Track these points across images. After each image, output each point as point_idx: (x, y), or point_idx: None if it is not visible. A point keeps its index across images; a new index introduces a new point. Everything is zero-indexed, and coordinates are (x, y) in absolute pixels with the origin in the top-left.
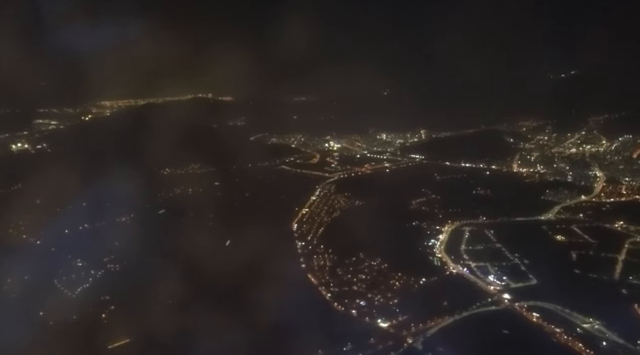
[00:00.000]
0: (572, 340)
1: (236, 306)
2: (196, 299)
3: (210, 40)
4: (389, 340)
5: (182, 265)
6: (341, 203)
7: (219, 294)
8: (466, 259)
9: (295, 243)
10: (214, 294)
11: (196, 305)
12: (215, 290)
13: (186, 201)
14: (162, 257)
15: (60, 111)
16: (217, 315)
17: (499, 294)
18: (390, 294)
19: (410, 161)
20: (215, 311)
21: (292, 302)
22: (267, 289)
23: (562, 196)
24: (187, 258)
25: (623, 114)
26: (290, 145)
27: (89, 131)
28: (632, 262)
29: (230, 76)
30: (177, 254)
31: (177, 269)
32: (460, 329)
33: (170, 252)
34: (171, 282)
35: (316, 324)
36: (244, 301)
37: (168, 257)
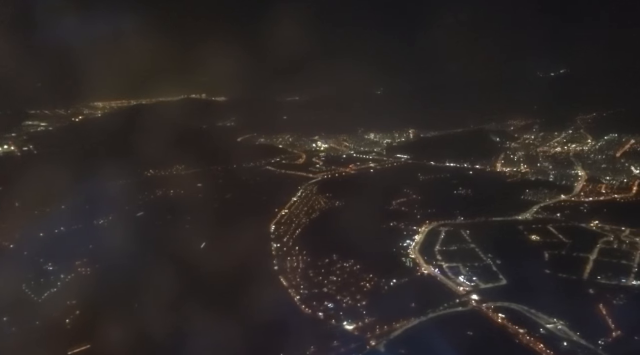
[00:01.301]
0: (533, 341)
1: (201, 309)
2: (162, 303)
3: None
4: (351, 343)
5: (153, 269)
6: (321, 204)
7: (185, 298)
8: (439, 259)
9: (270, 244)
10: (180, 298)
11: (161, 309)
12: (182, 294)
13: (166, 203)
14: (134, 260)
15: (52, 112)
16: (180, 319)
17: (467, 294)
18: (360, 295)
19: (396, 161)
20: (178, 315)
21: (259, 305)
22: (235, 292)
23: (541, 196)
24: (159, 261)
25: (611, 112)
26: (277, 146)
27: (76, 133)
28: (603, 261)
29: (224, 76)
30: (150, 257)
31: (147, 273)
32: (425, 330)
33: (142, 255)
34: (139, 286)
35: (281, 327)
36: (209, 304)
37: (140, 260)
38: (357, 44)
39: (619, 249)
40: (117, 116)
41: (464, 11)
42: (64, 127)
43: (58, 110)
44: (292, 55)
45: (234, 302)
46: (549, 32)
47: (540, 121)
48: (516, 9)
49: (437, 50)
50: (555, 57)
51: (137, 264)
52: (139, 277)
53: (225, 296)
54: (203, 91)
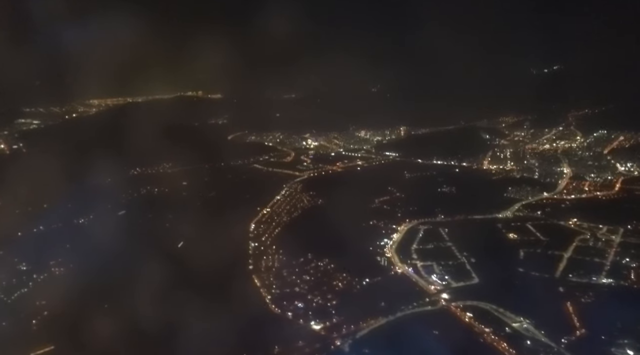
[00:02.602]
0: (497, 340)
1: (168, 310)
2: (131, 303)
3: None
4: (316, 343)
5: (127, 269)
6: (304, 202)
7: (154, 299)
8: (414, 258)
9: (248, 244)
10: (150, 299)
11: (129, 309)
12: (152, 295)
13: (149, 201)
14: (109, 260)
15: (47, 110)
16: (148, 319)
17: (438, 294)
18: (331, 295)
19: (384, 159)
20: (145, 315)
21: (228, 306)
22: (207, 292)
23: (524, 193)
24: (133, 261)
25: (603, 109)
26: (267, 144)
27: (67, 131)
28: (577, 259)
29: (220, 74)
30: (125, 257)
31: (120, 273)
32: (391, 330)
33: (118, 255)
34: (111, 286)
35: (247, 327)
36: (178, 305)
37: (115, 260)
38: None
39: (594, 247)
40: (110, 114)
41: (460, 7)
42: (56, 125)
43: (53, 108)
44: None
45: (204, 302)
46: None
47: (532, 118)
48: (510, 5)
49: (431, 47)
50: (549, 53)
51: (112, 263)
52: (112, 277)
53: (196, 296)
54: (199, 88)
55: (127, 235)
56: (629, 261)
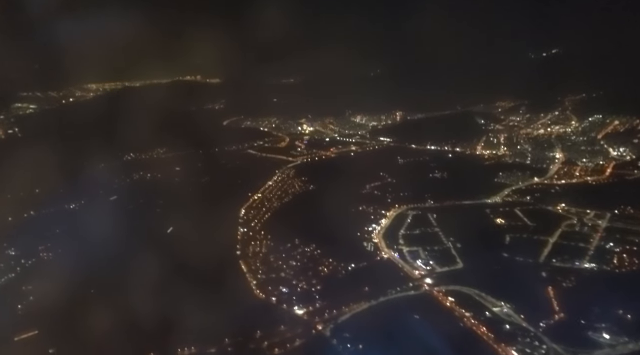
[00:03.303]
0: (477, 324)
1: (153, 295)
2: (116, 288)
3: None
4: (298, 328)
5: (115, 254)
6: (295, 188)
7: (140, 284)
8: (401, 243)
9: (237, 229)
10: (136, 283)
11: (114, 294)
12: (139, 280)
13: (141, 187)
14: (97, 245)
15: (44, 95)
16: (132, 304)
17: (422, 278)
18: (316, 280)
19: (378, 144)
20: (129, 301)
21: (213, 291)
22: (193, 277)
23: (514, 178)
24: (122, 246)
25: (601, 93)
26: (262, 129)
27: (63, 116)
28: (562, 244)
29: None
30: (114, 242)
31: (108, 258)
32: (373, 314)
33: (107, 240)
34: (99, 271)
35: (230, 312)
36: (162, 290)
37: (104, 245)
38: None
39: (579, 232)
40: (106, 99)
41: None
42: (52, 110)
43: (50, 93)
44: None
45: (189, 288)
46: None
47: (528, 103)
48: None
49: (428, 31)
50: (548, 37)
51: (100, 249)
52: (100, 263)
53: (182, 282)
54: (198, 73)
55: (117, 221)
56: (613, 246)
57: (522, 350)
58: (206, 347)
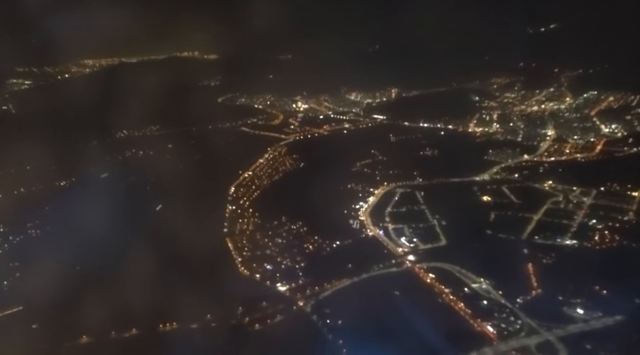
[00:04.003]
0: (455, 300)
1: (138, 272)
2: (102, 265)
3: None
4: (280, 304)
5: (102, 231)
6: (286, 166)
7: (126, 260)
8: (387, 221)
9: (226, 207)
10: (121, 260)
11: (99, 271)
12: (124, 256)
13: (133, 164)
14: (85, 222)
15: (40, 70)
16: (117, 281)
17: (405, 256)
18: (300, 257)
19: (371, 121)
20: (115, 277)
21: (198, 268)
22: (178, 255)
23: (504, 156)
24: (110, 223)
25: (598, 69)
26: (256, 106)
27: (58, 92)
28: (546, 221)
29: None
30: (103, 219)
31: (97, 235)
32: (354, 291)
33: (95, 217)
34: (86, 248)
35: (213, 289)
36: (148, 267)
37: (92, 222)
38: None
39: (564, 209)
40: (102, 75)
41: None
42: (47, 85)
43: (46, 68)
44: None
45: (174, 265)
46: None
47: (524, 79)
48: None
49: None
50: (546, 12)
51: (88, 226)
52: (87, 240)
53: (167, 259)
54: (196, 49)
55: (106, 199)
56: (596, 223)
57: (497, 326)
58: (188, 323)
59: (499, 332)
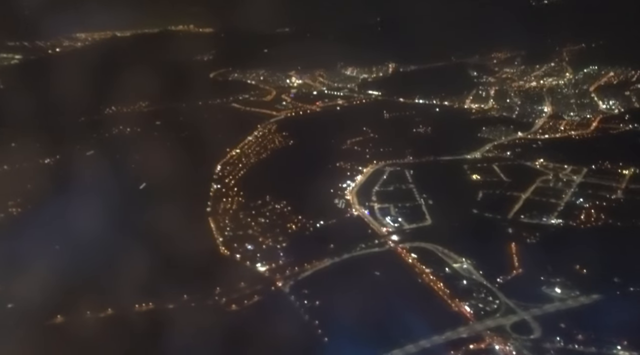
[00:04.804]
0: (435, 280)
1: (119, 250)
2: (81, 245)
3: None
4: (258, 284)
5: (84, 210)
6: (275, 144)
7: (104, 241)
8: (373, 200)
9: (210, 186)
10: (100, 240)
11: (78, 251)
12: (103, 237)
13: (119, 141)
14: (68, 200)
15: (31, 44)
16: (93, 261)
17: (388, 235)
18: (282, 237)
19: (366, 98)
20: (92, 257)
21: (178, 248)
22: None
23: (498, 133)
24: (92, 202)
25: (600, 43)
26: (249, 82)
27: (47, 67)
28: (533, 200)
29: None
30: (85, 197)
31: (77, 213)
32: (334, 271)
33: (78, 195)
34: (67, 226)
35: (192, 269)
36: (128, 245)
37: (75, 200)
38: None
39: (553, 188)
40: (93, 49)
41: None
42: (37, 60)
43: (38, 42)
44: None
45: (153, 244)
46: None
47: (525, 54)
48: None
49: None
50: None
51: (70, 205)
52: (68, 218)
53: (147, 238)
54: (191, 22)
55: (90, 176)
56: (583, 202)
57: (474, 306)
58: (164, 303)
59: (475, 312)
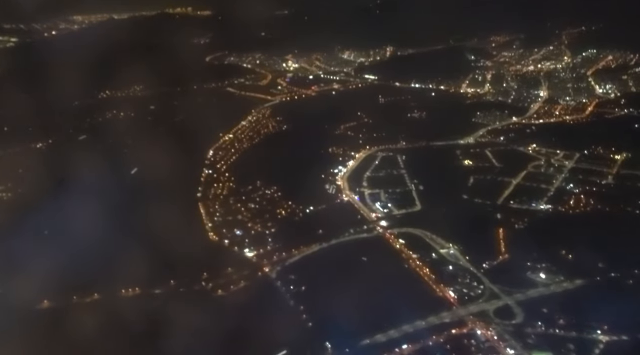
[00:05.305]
0: (421, 266)
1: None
2: (70, 229)
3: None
4: (245, 270)
5: (74, 195)
6: (268, 129)
7: (92, 225)
8: (364, 186)
9: (202, 171)
10: (88, 225)
11: (66, 235)
12: (91, 222)
13: (112, 126)
14: (59, 185)
15: (27, 27)
16: (80, 245)
17: (377, 221)
18: (271, 223)
19: (362, 82)
20: (79, 241)
21: (166, 233)
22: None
23: (492, 118)
24: (84, 186)
25: (601, 26)
26: (245, 66)
27: (42, 50)
28: (524, 186)
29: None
30: (76, 182)
31: (67, 199)
32: (322, 257)
33: (70, 180)
34: (56, 211)
35: (179, 255)
36: (116, 230)
37: (66, 185)
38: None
39: (544, 173)
40: (89, 32)
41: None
42: (33, 43)
43: (34, 25)
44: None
45: (142, 230)
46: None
47: (524, 37)
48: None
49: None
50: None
51: (60, 190)
52: (58, 203)
53: (135, 224)
54: (189, 4)
55: (82, 162)
56: (573, 187)
57: (459, 291)
58: (151, 289)
59: (460, 297)
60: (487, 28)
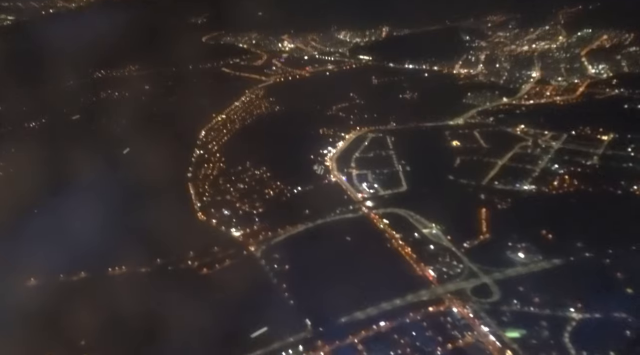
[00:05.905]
0: (403, 245)
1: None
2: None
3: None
4: (231, 249)
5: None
6: (261, 109)
7: (82, 204)
8: (352, 166)
9: (193, 151)
10: (78, 204)
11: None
12: (81, 200)
13: (106, 106)
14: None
15: (25, 5)
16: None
17: (363, 201)
18: (259, 203)
19: (356, 63)
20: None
21: (154, 213)
22: (138, 199)
23: (483, 99)
24: (75, 166)
25: (598, 5)
26: (241, 46)
27: (39, 28)
28: (510, 167)
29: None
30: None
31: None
32: (306, 237)
33: (62, 160)
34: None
35: (167, 234)
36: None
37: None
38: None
39: (530, 154)
40: (87, 11)
41: None
42: (29, 21)
43: (32, 3)
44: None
45: (132, 209)
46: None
47: (520, 17)
48: None
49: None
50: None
51: (53, 168)
52: (50, 181)
53: (125, 204)
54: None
55: (74, 141)
56: (558, 168)
57: (439, 270)
58: (137, 267)
59: (439, 275)
60: (484, 7)
